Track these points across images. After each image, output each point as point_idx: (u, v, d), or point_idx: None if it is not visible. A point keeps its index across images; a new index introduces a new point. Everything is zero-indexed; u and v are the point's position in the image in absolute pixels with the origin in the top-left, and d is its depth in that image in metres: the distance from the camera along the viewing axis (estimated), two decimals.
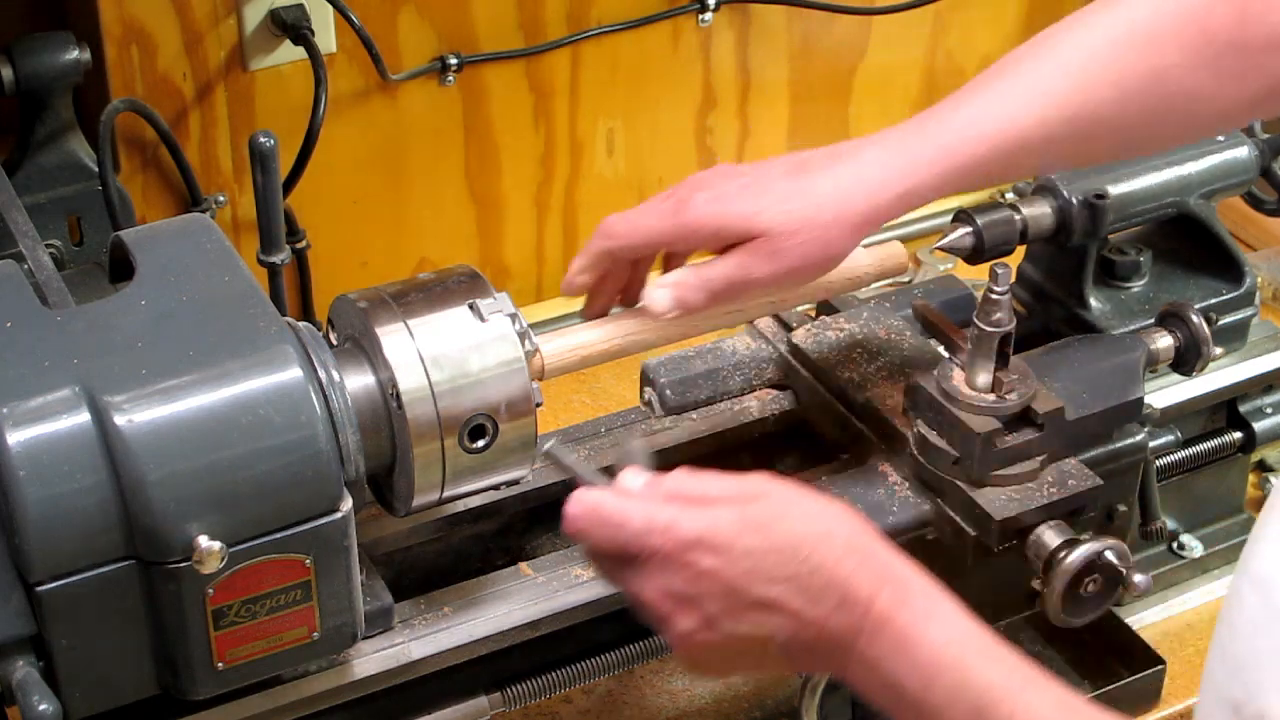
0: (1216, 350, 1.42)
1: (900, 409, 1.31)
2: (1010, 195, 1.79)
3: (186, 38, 1.59)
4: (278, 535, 1.05)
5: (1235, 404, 1.53)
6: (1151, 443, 1.41)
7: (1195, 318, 1.41)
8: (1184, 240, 1.53)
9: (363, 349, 1.16)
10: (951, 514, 1.27)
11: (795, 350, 1.39)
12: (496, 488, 1.21)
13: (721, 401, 1.41)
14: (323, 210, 1.71)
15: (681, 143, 1.89)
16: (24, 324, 1.08)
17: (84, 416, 1.01)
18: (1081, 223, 1.42)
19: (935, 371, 1.28)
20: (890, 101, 1.99)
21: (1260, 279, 1.64)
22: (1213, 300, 1.50)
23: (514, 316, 1.16)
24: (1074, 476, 1.27)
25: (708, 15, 1.81)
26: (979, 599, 1.09)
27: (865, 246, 1.27)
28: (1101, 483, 1.28)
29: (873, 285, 1.36)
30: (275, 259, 1.36)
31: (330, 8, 1.60)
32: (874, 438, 1.33)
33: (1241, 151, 1.51)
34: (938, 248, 1.41)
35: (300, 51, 1.61)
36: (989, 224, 1.39)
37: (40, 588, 1.01)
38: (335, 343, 1.19)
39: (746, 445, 1.42)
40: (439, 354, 1.14)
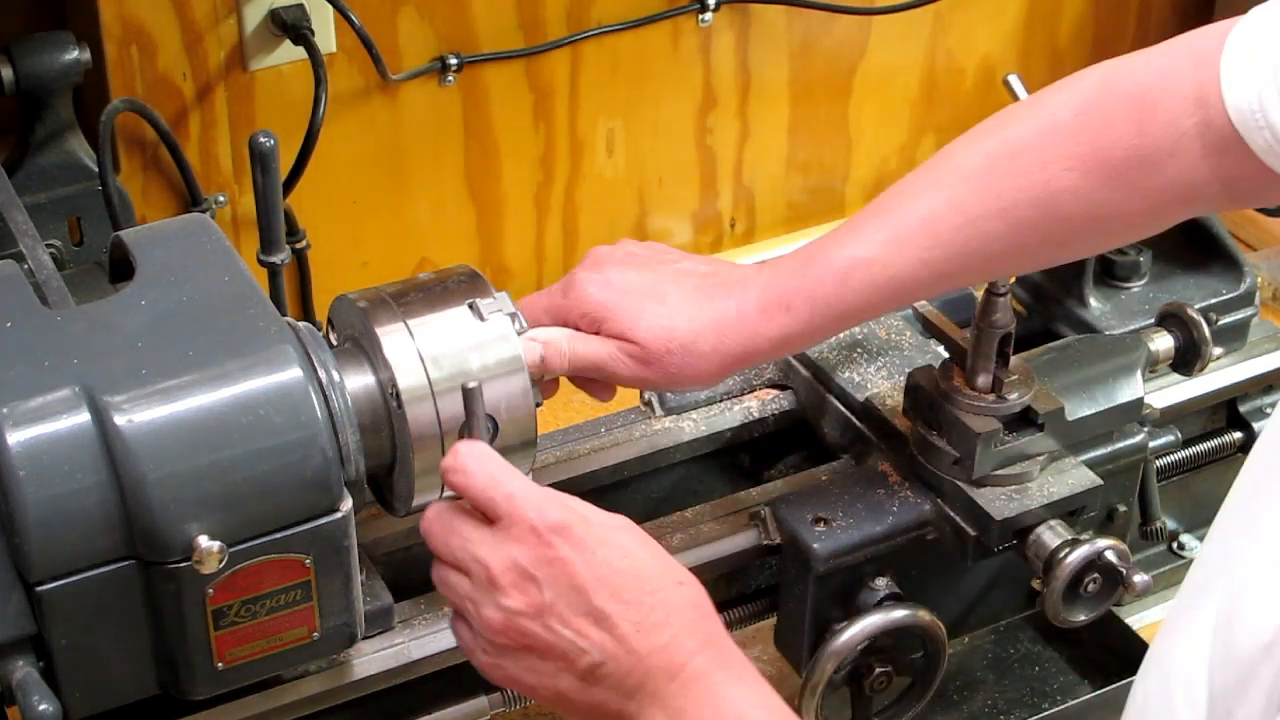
0: (1216, 350, 1.42)
1: (900, 409, 1.31)
2: None
3: (186, 38, 1.59)
4: (278, 535, 1.05)
5: (1235, 404, 1.53)
6: (1151, 443, 1.41)
7: (1195, 318, 1.41)
8: (1184, 240, 1.53)
9: (362, 349, 1.16)
10: (951, 514, 1.27)
11: None
12: None
13: (721, 401, 1.41)
14: (323, 210, 1.71)
15: (682, 143, 1.89)
16: (24, 324, 1.07)
17: (84, 416, 1.01)
18: None
19: (935, 371, 1.28)
20: (890, 101, 1.99)
21: (1260, 279, 1.64)
22: (1213, 300, 1.50)
23: (514, 316, 1.16)
24: (1074, 476, 1.27)
25: (708, 15, 1.81)
26: (979, 599, 1.09)
27: None
28: (1101, 483, 1.28)
29: None
30: (275, 259, 1.35)
31: (330, 8, 1.60)
32: (874, 438, 1.33)
33: None
34: None
35: (300, 51, 1.61)
36: None
37: (40, 588, 1.01)
38: (335, 343, 1.19)
39: (746, 445, 1.42)
40: (439, 354, 1.14)
